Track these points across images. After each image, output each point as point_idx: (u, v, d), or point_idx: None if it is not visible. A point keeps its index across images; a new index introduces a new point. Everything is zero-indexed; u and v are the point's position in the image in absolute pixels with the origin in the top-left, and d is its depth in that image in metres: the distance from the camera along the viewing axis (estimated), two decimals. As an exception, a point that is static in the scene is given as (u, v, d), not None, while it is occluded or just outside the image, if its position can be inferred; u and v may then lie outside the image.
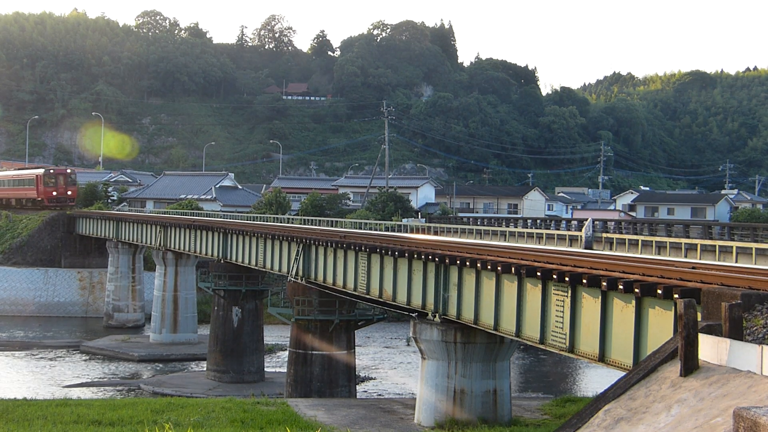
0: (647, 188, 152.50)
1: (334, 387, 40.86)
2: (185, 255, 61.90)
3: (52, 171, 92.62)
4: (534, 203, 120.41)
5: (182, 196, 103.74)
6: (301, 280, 39.74)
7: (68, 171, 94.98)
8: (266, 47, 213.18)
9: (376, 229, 64.04)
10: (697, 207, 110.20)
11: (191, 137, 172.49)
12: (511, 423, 29.74)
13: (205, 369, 54.02)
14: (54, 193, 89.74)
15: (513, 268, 22.58)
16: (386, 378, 53.77)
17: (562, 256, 24.06)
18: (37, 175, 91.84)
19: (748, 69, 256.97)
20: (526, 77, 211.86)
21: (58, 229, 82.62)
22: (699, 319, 13.33)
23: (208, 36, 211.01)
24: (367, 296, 33.60)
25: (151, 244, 65.10)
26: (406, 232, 61.82)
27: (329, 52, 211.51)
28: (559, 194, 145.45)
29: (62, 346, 63.10)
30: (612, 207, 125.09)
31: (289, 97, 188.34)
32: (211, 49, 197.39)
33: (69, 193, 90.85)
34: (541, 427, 29.60)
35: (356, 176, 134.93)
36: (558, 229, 62.72)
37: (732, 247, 41.83)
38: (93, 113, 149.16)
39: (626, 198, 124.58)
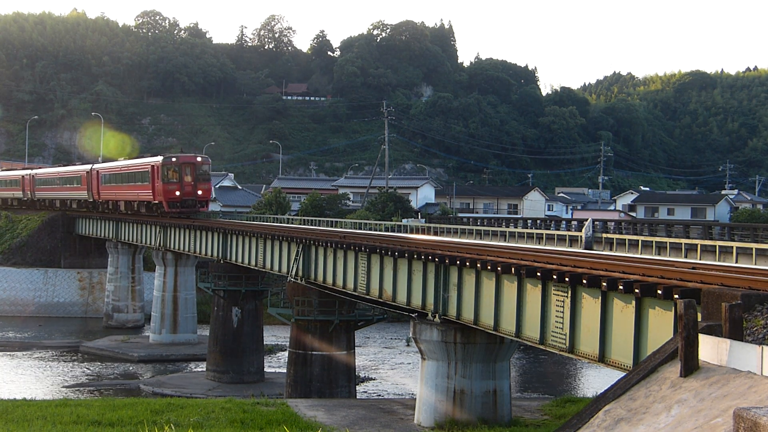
0: (647, 188, 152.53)
1: (334, 387, 40.85)
2: (185, 255, 61.91)
3: (174, 159, 63.24)
4: (534, 203, 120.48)
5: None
6: (301, 280, 39.72)
7: (198, 159, 64.37)
8: (266, 47, 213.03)
9: (375, 230, 64.04)
10: (697, 207, 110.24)
11: (191, 137, 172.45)
12: (511, 423, 29.73)
13: (204, 369, 54.01)
14: (177, 193, 62.48)
15: (513, 269, 22.57)
16: (386, 378, 53.74)
17: (562, 256, 24.05)
18: (152, 166, 63.94)
19: (748, 69, 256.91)
20: (526, 77, 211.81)
21: (57, 229, 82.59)
22: (699, 319, 13.32)
23: (207, 36, 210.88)
24: (367, 296, 33.59)
25: (150, 244, 65.11)
26: (406, 232, 61.81)
27: (329, 53, 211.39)
28: (559, 194, 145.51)
29: (62, 347, 63.10)
30: (612, 207, 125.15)
31: (289, 98, 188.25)
32: (210, 49, 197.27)
33: (200, 192, 63.29)
34: (541, 428, 29.59)
35: (356, 176, 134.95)
36: (558, 230, 62.74)
37: (732, 247, 41.84)
38: (93, 113, 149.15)
39: (626, 198, 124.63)
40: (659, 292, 16.66)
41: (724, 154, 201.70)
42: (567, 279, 20.00)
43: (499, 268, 23.20)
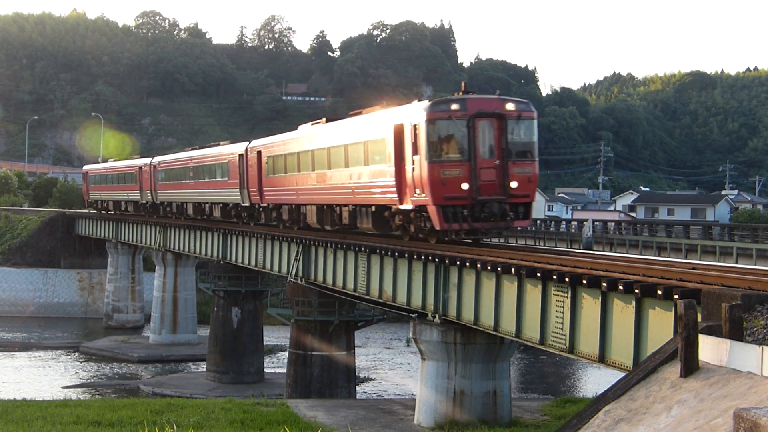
0: (647, 189, 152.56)
1: (334, 388, 40.85)
2: (185, 256, 61.88)
3: (456, 106, 28.62)
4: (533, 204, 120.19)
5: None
6: (301, 280, 39.70)
7: (509, 106, 28.68)
8: (266, 48, 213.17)
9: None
10: (697, 208, 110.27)
11: (191, 138, 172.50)
12: (511, 424, 29.72)
13: (204, 370, 54.02)
14: (465, 187, 27.73)
15: (513, 269, 22.55)
16: (386, 379, 53.76)
17: (562, 256, 24.03)
18: (397, 128, 29.69)
19: (748, 69, 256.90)
20: (526, 77, 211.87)
21: (57, 229, 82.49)
22: (699, 319, 13.32)
23: (207, 36, 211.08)
24: (367, 297, 33.57)
25: (150, 244, 65.08)
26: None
27: (329, 53, 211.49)
28: (559, 195, 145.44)
29: (62, 347, 63.09)
30: (612, 208, 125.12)
31: (289, 98, 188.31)
32: (210, 49, 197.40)
33: (514, 185, 27.93)
34: (541, 428, 29.59)
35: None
36: (558, 230, 62.77)
37: (732, 247, 41.88)
38: (92, 114, 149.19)
39: (626, 198, 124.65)
40: (659, 292, 16.65)
41: (724, 154, 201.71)
42: (567, 279, 19.99)
43: (499, 269, 23.19)
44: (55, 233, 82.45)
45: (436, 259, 26.95)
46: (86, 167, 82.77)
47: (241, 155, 46.25)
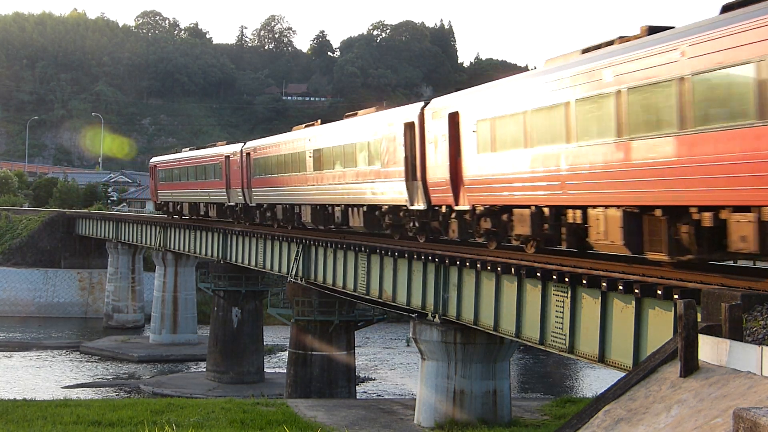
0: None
1: (334, 388, 40.89)
2: (185, 255, 61.85)
3: None
4: None
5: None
6: (301, 280, 39.70)
7: None
8: (266, 48, 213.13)
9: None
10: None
11: (191, 138, 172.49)
12: (511, 424, 29.75)
13: (204, 370, 54.04)
14: None
15: (513, 269, 22.54)
16: (386, 379, 53.77)
17: (562, 256, 24.03)
18: None
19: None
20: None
21: (57, 229, 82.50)
22: (699, 319, 13.32)
23: (207, 36, 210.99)
24: (367, 297, 33.58)
25: (150, 244, 65.08)
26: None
27: (329, 53, 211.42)
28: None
29: (62, 347, 63.13)
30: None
31: (289, 98, 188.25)
32: (210, 49, 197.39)
33: None
34: (540, 428, 29.61)
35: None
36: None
37: (732, 247, 41.60)
38: (93, 114, 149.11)
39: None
40: (659, 292, 16.65)
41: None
42: (567, 279, 19.99)
43: (499, 269, 23.18)
44: (56, 233, 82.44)
45: (436, 259, 26.95)
46: (154, 159, 66.07)
47: (408, 125, 28.17)
